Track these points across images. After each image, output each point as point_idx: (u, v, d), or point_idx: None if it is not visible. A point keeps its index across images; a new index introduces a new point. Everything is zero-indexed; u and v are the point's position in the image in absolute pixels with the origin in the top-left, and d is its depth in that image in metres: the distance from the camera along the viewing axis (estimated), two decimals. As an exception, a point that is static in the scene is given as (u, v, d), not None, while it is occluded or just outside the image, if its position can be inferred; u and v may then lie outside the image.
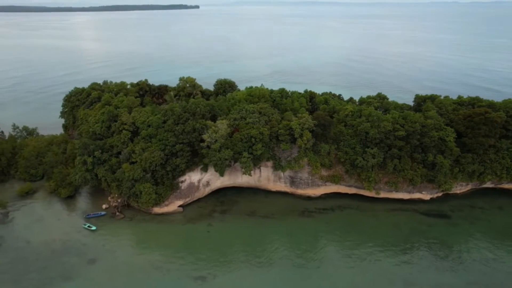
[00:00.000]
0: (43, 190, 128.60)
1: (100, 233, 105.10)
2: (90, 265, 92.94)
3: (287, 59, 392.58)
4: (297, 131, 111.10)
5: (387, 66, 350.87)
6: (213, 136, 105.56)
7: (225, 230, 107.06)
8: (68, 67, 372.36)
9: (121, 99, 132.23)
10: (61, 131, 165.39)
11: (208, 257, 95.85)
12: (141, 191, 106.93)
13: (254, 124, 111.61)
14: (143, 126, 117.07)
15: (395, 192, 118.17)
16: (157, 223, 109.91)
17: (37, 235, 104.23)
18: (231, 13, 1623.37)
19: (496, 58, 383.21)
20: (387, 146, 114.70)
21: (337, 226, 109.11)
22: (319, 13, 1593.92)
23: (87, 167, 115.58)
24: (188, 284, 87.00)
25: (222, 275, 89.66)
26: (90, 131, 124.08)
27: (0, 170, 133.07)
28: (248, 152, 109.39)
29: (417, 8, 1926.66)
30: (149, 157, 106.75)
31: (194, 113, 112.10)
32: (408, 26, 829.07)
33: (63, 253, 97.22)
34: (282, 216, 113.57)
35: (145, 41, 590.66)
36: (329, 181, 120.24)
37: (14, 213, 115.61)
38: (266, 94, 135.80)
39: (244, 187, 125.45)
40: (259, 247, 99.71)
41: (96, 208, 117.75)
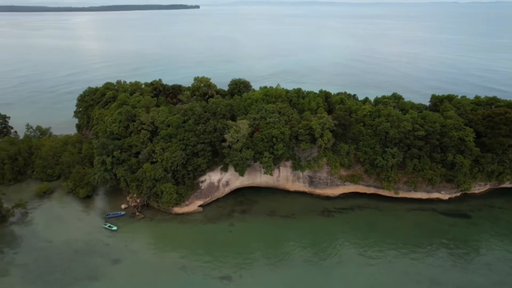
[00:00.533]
0: (60, 190, 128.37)
1: (122, 233, 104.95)
2: (114, 265, 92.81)
3: (291, 59, 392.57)
4: (318, 131, 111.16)
5: (391, 66, 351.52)
6: (235, 136, 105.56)
7: (246, 230, 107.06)
8: (72, 66, 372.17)
9: (137, 98, 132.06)
10: (71, 131, 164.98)
11: (232, 257, 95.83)
12: (162, 191, 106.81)
13: (274, 124, 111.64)
14: (162, 126, 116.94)
15: (414, 192, 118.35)
16: (178, 223, 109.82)
17: (58, 235, 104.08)
18: (232, 13, 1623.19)
19: (498, 58, 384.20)
20: (406, 146, 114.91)
21: (357, 226, 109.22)
22: (319, 13, 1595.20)
23: (106, 167, 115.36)
24: (215, 284, 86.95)
25: (247, 275, 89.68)
26: (108, 131, 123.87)
27: (17, 170, 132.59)
28: (269, 152, 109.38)
29: (417, 8, 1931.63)
30: (170, 157, 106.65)
31: (215, 113, 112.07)
32: (409, 26, 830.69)
33: (86, 253, 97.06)
34: (302, 216, 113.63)
35: (147, 41, 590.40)
36: (348, 181, 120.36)
37: (33, 212, 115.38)
38: (282, 94, 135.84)
39: (262, 187, 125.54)
40: (282, 247, 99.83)
41: (115, 208, 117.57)
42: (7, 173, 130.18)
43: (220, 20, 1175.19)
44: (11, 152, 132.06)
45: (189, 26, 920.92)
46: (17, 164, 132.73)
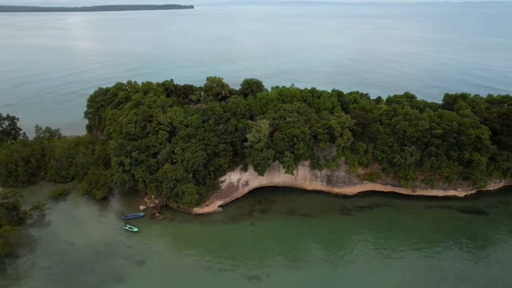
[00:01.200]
0: (75, 191, 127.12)
1: (143, 235, 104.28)
2: (139, 267, 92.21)
3: (289, 59, 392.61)
4: (337, 130, 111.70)
5: (389, 65, 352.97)
6: (257, 135, 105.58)
7: (267, 229, 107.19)
8: (70, 67, 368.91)
9: (153, 98, 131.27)
10: (77, 131, 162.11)
11: (257, 256, 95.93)
12: (183, 191, 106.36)
13: (294, 124, 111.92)
14: (181, 126, 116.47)
15: (430, 189, 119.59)
16: (199, 223, 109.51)
17: (79, 237, 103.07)
18: (227, 13, 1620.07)
19: (494, 57, 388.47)
20: (424, 144, 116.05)
21: (377, 224, 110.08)
22: (314, 12, 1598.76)
23: (124, 168, 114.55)
24: (244, 284, 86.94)
25: (275, 274, 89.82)
26: (124, 131, 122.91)
27: (30, 172, 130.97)
28: (289, 151, 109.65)
29: (409, 8, 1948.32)
30: (191, 157, 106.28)
31: (235, 113, 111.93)
32: (405, 26, 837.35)
33: (110, 255, 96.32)
34: (321, 215, 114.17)
35: (144, 41, 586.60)
36: (366, 180, 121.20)
37: (50, 215, 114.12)
38: (297, 94, 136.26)
39: (279, 186, 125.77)
40: (305, 246, 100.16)
41: (132, 209, 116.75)
42: (21, 175, 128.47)
43: (215, 20, 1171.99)
44: (24, 154, 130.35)
45: (185, 26, 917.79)
46: (30, 166, 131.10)
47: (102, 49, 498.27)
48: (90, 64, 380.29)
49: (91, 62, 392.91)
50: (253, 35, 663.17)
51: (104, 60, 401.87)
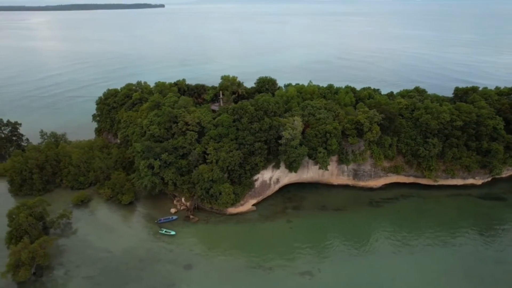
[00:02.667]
0: (96, 197, 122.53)
1: (181, 238, 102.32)
2: (188, 271, 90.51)
3: (272, 57, 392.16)
4: (366, 125, 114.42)
5: (371, 61, 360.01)
6: (292, 133, 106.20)
7: (305, 225, 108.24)
8: (48, 69, 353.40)
9: (173, 99, 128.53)
10: (79, 135, 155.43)
11: (302, 252, 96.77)
12: (220, 191, 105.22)
13: (325, 120, 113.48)
14: (209, 126, 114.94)
15: (451, 179, 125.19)
16: (235, 223, 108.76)
17: (114, 244, 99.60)
18: (200, 12, 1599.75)
19: (468, 53, 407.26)
20: (445, 136, 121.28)
21: (407, 213, 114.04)
22: (287, 10, 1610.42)
23: (153, 170, 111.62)
24: (298, 280, 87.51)
25: (326, 268, 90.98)
26: (148, 133, 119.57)
27: (45, 179, 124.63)
28: (322, 147, 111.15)
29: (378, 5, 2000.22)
30: (227, 157, 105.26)
31: (266, 111, 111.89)
32: (380, 23, 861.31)
33: (153, 261, 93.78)
34: (353, 208, 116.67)
35: (121, 40, 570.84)
36: (390, 172, 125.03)
37: (76, 222, 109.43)
38: (315, 90, 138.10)
39: (306, 183, 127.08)
40: (345, 239, 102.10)
41: (160, 213, 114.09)
42: (36, 183, 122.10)
43: (190, 19, 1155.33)
44: (39, 161, 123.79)
45: (161, 25, 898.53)
46: (45, 173, 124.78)
47: (78, 50, 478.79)
48: (68, 66, 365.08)
49: (69, 64, 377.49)
50: (232, 34, 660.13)
51: (82, 61, 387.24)
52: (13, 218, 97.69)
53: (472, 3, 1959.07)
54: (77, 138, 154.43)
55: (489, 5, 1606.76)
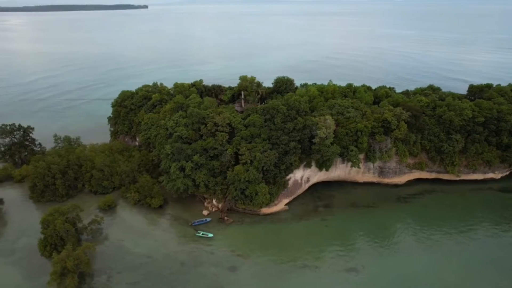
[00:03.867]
0: (122, 201, 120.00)
1: (220, 240, 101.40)
2: (233, 273, 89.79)
3: (265, 58, 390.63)
4: (394, 123, 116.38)
5: (362, 60, 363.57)
6: (326, 131, 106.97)
7: (340, 222, 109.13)
8: (39, 71, 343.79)
9: (197, 100, 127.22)
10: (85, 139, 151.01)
11: (343, 249, 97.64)
12: (257, 192, 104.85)
13: (355, 119, 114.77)
14: (240, 126, 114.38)
15: (472, 174, 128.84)
16: (270, 223, 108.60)
17: (153, 249, 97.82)
18: (185, 12, 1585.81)
19: (453, 51, 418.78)
20: (466, 132, 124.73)
21: (435, 208, 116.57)
22: (271, 11, 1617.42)
23: (185, 172, 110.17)
24: (345, 277, 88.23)
25: (369, 264, 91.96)
26: (175, 135, 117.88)
27: (67, 185, 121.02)
28: (353, 145, 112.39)
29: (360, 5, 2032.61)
30: (262, 157, 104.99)
31: (298, 110, 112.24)
32: (367, 22, 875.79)
33: (196, 264, 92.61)
34: (382, 205, 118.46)
35: (109, 42, 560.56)
36: (414, 168, 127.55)
37: (108, 228, 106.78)
38: (336, 90, 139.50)
39: (331, 181, 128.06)
40: (382, 234, 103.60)
41: (192, 215, 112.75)
42: (60, 189, 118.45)
43: (176, 19, 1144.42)
44: (61, 166, 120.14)
45: (148, 26, 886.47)
46: (67, 178, 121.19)
47: (65, 51, 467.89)
48: (58, 68, 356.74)
49: (58, 66, 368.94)
50: (221, 34, 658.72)
51: (70, 64, 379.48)
52: (47, 225, 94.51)
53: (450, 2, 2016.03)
54: (82, 141, 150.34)
55: (469, 5, 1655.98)
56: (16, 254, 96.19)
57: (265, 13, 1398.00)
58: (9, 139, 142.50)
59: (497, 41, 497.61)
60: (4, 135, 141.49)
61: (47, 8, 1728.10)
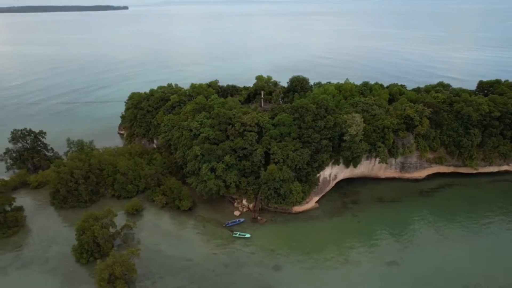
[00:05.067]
0: (148, 205, 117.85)
1: (257, 239, 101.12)
2: (278, 272, 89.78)
3: (256, 58, 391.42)
4: (417, 119, 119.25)
5: (353, 59, 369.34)
6: (356, 129, 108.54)
7: (371, 217, 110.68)
8: (26, 74, 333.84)
9: (220, 100, 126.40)
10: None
11: (379, 244, 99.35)
12: (291, 190, 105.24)
13: (380, 116, 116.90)
14: (268, 125, 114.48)
15: (488, 166, 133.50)
16: (304, 221, 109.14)
17: (191, 252, 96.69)
18: (167, 14, 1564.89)
19: (441, 49, 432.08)
20: (483, 127, 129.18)
21: (458, 201, 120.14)
22: (255, 11, 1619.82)
23: (216, 173, 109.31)
24: (387, 270, 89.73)
25: (407, 257, 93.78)
26: (202, 136, 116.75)
27: (90, 190, 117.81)
28: (380, 142, 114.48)
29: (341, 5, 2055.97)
30: (295, 155, 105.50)
31: (327, 109, 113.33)
32: (352, 22, 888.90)
33: (238, 265, 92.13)
34: (406, 199, 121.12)
35: (94, 44, 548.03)
36: (434, 163, 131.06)
37: (140, 233, 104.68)
38: (353, 88, 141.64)
39: (354, 178, 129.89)
40: (413, 227, 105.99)
41: (223, 216, 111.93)
42: (83, 194, 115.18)
43: (159, 20, 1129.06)
44: (83, 170, 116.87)
45: (132, 27, 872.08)
46: (89, 183, 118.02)
47: (50, 54, 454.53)
48: (46, 71, 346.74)
49: (46, 68, 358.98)
50: (207, 35, 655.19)
51: (59, 66, 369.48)
52: (82, 231, 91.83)
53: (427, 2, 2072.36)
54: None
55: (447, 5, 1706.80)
56: (50, 263, 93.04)
57: (248, 13, 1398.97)
58: (21, 144, 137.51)
59: (479, 39, 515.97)
60: (15, 140, 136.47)
61: (21, 9, 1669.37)
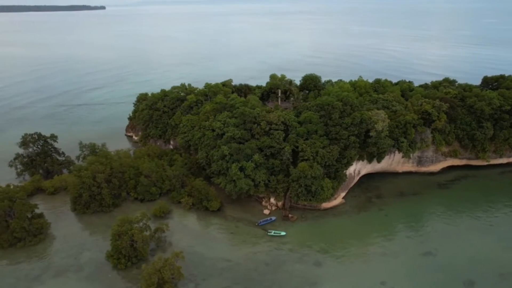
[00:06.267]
0: (174, 207, 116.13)
1: (292, 237, 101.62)
2: (320, 268, 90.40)
3: (246, 57, 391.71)
4: (434, 114, 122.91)
5: (345, 58, 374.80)
6: (382, 124, 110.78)
7: (398, 211, 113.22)
8: (6, 76, 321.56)
9: (241, 99, 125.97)
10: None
11: (411, 236, 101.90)
12: (322, 187, 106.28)
13: (401, 111, 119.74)
14: (295, 124, 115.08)
15: (499, 158, 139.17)
16: (333, 217, 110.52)
17: (229, 252, 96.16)
18: (147, 14, 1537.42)
19: (425, 47, 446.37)
20: (494, 120, 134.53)
21: (475, 192, 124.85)
22: (236, 10, 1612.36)
23: (245, 173, 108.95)
24: (425, 260, 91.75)
25: (442, 248, 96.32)
26: (227, 135, 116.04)
27: (113, 194, 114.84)
28: (403, 137, 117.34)
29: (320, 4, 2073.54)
30: (325, 152, 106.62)
31: (352, 105, 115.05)
32: (336, 21, 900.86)
33: (280, 263, 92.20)
34: (426, 191, 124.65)
35: (77, 44, 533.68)
36: (449, 156, 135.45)
37: (172, 235, 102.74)
38: (367, 85, 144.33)
39: (373, 173, 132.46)
40: (440, 218, 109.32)
41: (253, 215, 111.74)
42: (107, 198, 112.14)
43: (142, 21, 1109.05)
44: (106, 174, 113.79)
45: (114, 28, 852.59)
46: (111, 186, 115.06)
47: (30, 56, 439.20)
48: (29, 73, 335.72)
49: (29, 71, 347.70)
50: (194, 35, 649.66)
51: (42, 68, 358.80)
52: (119, 236, 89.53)
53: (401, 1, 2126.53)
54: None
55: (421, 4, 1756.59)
56: (86, 270, 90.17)
57: (232, 13, 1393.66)
58: (32, 149, 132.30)
59: (460, 37, 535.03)
60: (26, 145, 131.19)
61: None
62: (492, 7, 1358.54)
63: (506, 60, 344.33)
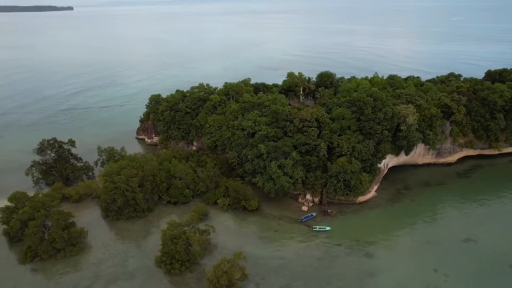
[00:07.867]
0: (211, 208, 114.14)
1: (337, 231, 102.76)
2: (372, 259, 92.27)
3: (237, 58, 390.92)
4: (454, 107, 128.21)
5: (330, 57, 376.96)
6: (413, 118, 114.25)
7: (428, 201, 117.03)
8: None
9: (266, 98, 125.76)
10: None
11: (447, 224, 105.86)
12: (361, 181, 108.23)
13: (425, 105, 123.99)
14: (327, 120, 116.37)
15: (509, 147, 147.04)
16: (370, 210, 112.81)
17: (279, 250, 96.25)
18: (119, 14, 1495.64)
19: (405, 44, 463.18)
20: (505, 111, 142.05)
21: (494, 180, 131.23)
22: (209, 11, 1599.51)
23: (284, 170, 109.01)
24: (467, 246, 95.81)
25: (480, 234, 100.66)
26: (260, 134, 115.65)
27: (145, 198, 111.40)
28: (428, 129, 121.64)
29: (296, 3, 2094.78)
30: (361, 147, 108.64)
31: (382, 100, 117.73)
32: (314, 20, 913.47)
33: (332, 257, 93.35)
34: (449, 181, 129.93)
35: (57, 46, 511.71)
36: (465, 147, 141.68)
37: (216, 237, 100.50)
38: (383, 81, 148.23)
39: (397, 165, 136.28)
40: (472, 206, 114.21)
41: (292, 212, 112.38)
42: (141, 203, 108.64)
43: (115, 22, 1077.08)
44: (138, 178, 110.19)
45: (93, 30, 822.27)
46: (144, 190, 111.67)
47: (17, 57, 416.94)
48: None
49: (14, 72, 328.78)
50: (174, 35, 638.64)
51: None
52: (171, 240, 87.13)
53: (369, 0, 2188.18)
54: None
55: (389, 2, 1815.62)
56: (138, 277, 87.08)
57: (206, 13, 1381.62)
58: (49, 156, 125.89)
59: (432, 34, 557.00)
60: (44, 152, 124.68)
61: None
62: (457, 5, 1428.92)
63: (476, 54, 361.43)
